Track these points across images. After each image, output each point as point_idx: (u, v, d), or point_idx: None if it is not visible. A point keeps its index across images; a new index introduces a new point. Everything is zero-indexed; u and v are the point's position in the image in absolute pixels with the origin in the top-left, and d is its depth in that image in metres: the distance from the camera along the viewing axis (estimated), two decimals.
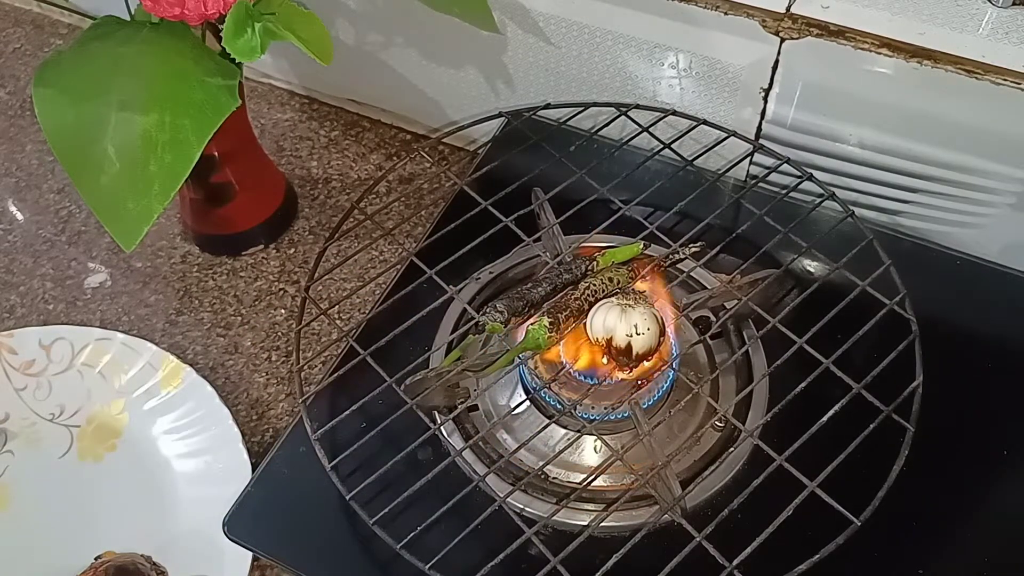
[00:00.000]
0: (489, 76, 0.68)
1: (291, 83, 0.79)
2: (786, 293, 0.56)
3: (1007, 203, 0.57)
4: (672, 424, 0.51)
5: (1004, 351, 0.54)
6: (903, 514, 0.47)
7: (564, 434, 0.51)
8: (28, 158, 0.76)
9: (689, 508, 0.47)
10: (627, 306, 0.48)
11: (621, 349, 0.48)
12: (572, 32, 0.61)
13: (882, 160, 0.58)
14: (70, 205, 0.72)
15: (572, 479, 0.50)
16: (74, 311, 0.65)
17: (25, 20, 0.89)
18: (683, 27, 0.57)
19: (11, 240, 0.70)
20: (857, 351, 0.48)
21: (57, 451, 0.57)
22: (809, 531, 0.42)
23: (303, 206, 0.71)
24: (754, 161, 0.62)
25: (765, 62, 0.56)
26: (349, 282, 0.65)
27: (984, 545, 0.47)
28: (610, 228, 0.55)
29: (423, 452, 0.50)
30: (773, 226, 0.55)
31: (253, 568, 0.51)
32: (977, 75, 0.51)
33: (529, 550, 0.44)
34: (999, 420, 0.51)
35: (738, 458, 0.49)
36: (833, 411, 0.46)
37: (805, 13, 0.54)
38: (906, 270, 0.53)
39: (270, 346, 0.62)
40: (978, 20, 0.52)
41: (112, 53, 0.50)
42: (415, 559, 0.43)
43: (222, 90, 0.49)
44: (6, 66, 0.84)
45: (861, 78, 0.54)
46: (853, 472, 0.43)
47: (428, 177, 0.71)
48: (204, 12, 0.47)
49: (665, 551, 0.42)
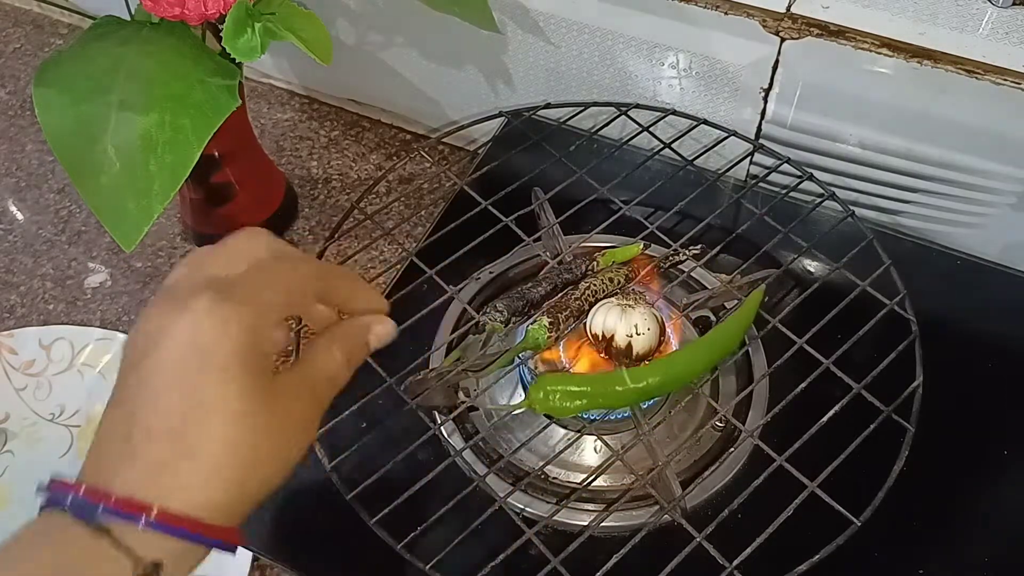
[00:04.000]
0: (489, 76, 0.68)
1: (291, 83, 0.79)
2: (786, 293, 0.56)
3: (1007, 203, 0.57)
4: (672, 424, 0.51)
5: (1004, 351, 0.54)
6: (903, 514, 0.47)
7: (564, 434, 0.51)
8: (28, 158, 0.76)
9: (689, 508, 0.47)
10: (627, 306, 0.48)
11: (621, 349, 0.48)
12: (572, 32, 0.61)
13: (882, 160, 0.58)
14: (70, 205, 0.72)
15: (572, 479, 0.50)
16: (74, 311, 0.65)
17: (25, 20, 0.89)
18: (683, 27, 0.57)
19: (11, 240, 0.70)
20: (857, 351, 0.48)
21: (57, 451, 0.57)
22: (809, 531, 0.42)
23: (303, 206, 0.71)
24: (754, 161, 0.62)
25: (765, 62, 0.56)
26: None
27: (984, 545, 0.47)
28: (610, 228, 0.55)
29: (423, 452, 0.50)
30: (773, 226, 0.55)
31: (253, 568, 0.51)
32: (977, 75, 0.51)
33: (529, 550, 0.43)
34: (999, 420, 0.51)
35: (738, 458, 0.49)
36: (833, 411, 0.46)
37: (805, 13, 0.54)
38: (906, 270, 0.53)
39: None
40: (978, 20, 0.52)
41: (112, 53, 0.50)
42: (415, 559, 0.43)
43: (222, 90, 0.49)
44: (6, 66, 0.84)
45: (861, 78, 0.54)
46: (853, 472, 0.43)
47: (428, 177, 0.71)
48: (204, 12, 0.47)
49: (665, 551, 0.42)
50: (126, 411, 0.31)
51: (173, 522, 0.29)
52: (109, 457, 0.31)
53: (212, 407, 0.30)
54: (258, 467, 0.31)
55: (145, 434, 0.30)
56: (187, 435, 0.30)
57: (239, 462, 0.31)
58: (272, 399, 0.32)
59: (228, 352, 0.31)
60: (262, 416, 0.31)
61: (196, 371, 0.31)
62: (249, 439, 0.31)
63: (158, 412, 0.30)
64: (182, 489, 0.30)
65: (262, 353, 0.32)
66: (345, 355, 0.37)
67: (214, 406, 0.30)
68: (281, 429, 0.32)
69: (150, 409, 0.31)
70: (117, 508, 0.29)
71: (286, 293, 0.34)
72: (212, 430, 0.30)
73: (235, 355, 0.31)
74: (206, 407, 0.30)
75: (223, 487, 0.31)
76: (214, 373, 0.31)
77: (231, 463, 0.31)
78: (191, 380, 0.31)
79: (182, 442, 0.30)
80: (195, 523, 0.30)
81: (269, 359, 0.33)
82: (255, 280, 0.34)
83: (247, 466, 0.31)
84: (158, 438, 0.30)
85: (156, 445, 0.30)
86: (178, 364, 0.31)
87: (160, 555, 0.29)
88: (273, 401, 0.32)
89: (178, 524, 0.30)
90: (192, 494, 0.30)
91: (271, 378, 0.32)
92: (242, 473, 0.31)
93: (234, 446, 0.31)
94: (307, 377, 0.35)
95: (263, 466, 0.32)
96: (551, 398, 0.46)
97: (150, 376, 0.31)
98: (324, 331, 0.37)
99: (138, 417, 0.31)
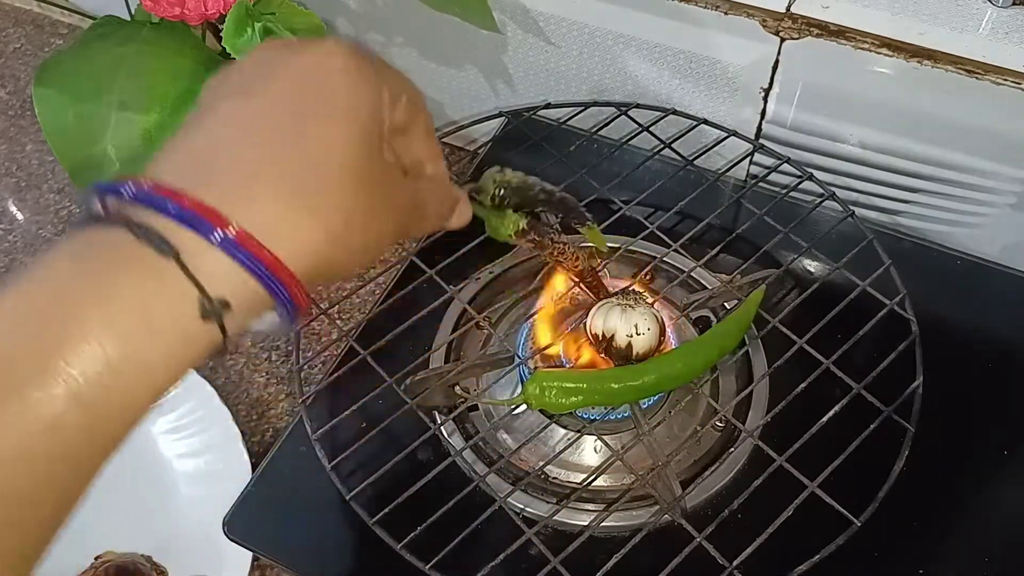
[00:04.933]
0: (489, 76, 0.68)
1: None
2: (786, 293, 0.56)
3: (1007, 203, 0.57)
4: (672, 424, 0.51)
5: (1004, 351, 0.54)
6: (903, 514, 0.47)
7: (564, 434, 0.51)
8: (28, 158, 0.76)
9: (689, 508, 0.47)
10: (627, 306, 0.48)
11: (621, 349, 0.48)
12: (572, 32, 0.61)
13: (882, 160, 0.58)
14: (70, 205, 0.72)
15: (572, 479, 0.50)
16: None
17: (25, 20, 0.89)
18: (683, 27, 0.57)
19: (11, 240, 0.70)
20: (857, 351, 0.48)
21: None
22: (809, 531, 0.42)
23: None
24: (754, 161, 0.62)
25: (765, 62, 0.56)
26: (349, 282, 0.65)
27: (984, 545, 0.47)
28: (610, 228, 0.55)
29: (423, 452, 0.50)
30: (773, 226, 0.55)
31: (253, 568, 0.51)
32: (977, 75, 0.51)
33: (529, 550, 0.44)
34: (999, 420, 0.51)
35: (738, 458, 0.49)
36: (833, 411, 0.46)
37: (805, 13, 0.54)
38: (906, 270, 0.53)
39: (270, 346, 0.62)
40: (978, 20, 0.52)
41: (112, 53, 0.50)
42: (415, 559, 0.43)
43: None
44: (6, 66, 0.84)
45: (861, 78, 0.54)
46: (853, 472, 0.43)
47: None
48: (204, 12, 0.47)
49: (665, 551, 0.42)
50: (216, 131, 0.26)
51: (255, 248, 0.24)
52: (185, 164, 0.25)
53: (332, 146, 0.26)
54: (353, 232, 0.27)
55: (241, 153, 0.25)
56: (296, 162, 0.25)
57: (339, 210, 0.26)
58: (380, 172, 0.28)
59: (350, 94, 0.27)
60: (374, 183, 0.27)
61: (323, 114, 0.27)
62: (353, 190, 0.27)
63: (261, 135, 0.26)
64: (273, 223, 0.25)
65: (380, 127, 0.28)
66: (446, 203, 0.34)
67: (334, 146, 0.26)
68: (384, 209, 0.28)
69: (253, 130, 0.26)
70: (193, 211, 0.24)
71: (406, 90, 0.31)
72: (326, 167, 0.26)
73: (358, 100, 0.27)
74: (326, 145, 0.26)
75: (314, 238, 0.26)
76: (341, 120, 0.27)
77: (336, 209, 0.26)
78: (313, 116, 0.26)
79: (288, 167, 0.25)
80: (276, 261, 0.25)
81: (383, 143, 0.29)
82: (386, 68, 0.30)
83: (346, 223, 0.26)
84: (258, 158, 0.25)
85: (254, 165, 0.25)
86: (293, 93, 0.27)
87: (226, 293, 0.24)
88: (381, 174, 0.28)
89: (259, 253, 0.24)
90: (283, 232, 0.25)
91: (383, 154, 0.29)
92: (340, 228, 0.26)
93: (342, 193, 0.26)
94: (418, 190, 0.31)
95: (355, 235, 0.27)
96: (547, 394, 0.45)
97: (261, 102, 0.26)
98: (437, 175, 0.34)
99: (234, 138, 0.26)
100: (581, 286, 0.50)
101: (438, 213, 0.34)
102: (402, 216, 0.30)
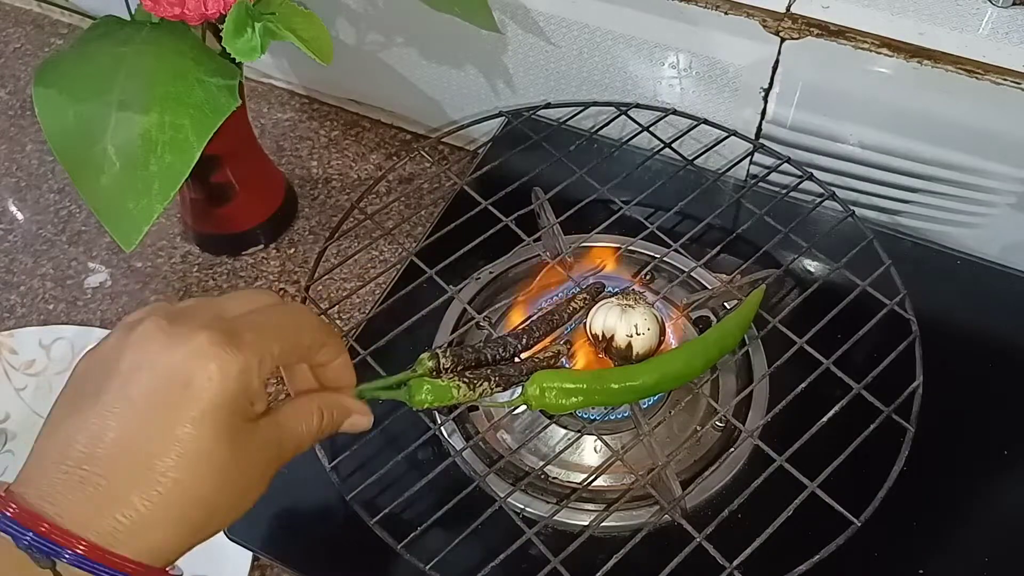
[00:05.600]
0: (489, 76, 0.68)
1: (291, 83, 0.79)
2: (786, 293, 0.56)
3: (1007, 203, 0.57)
4: (672, 424, 0.51)
5: (1004, 351, 0.54)
6: (903, 514, 0.47)
7: (564, 434, 0.51)
8: (28, 158, 0.76)
9: (689, 508, 0.47)
10: (627, 306, 0.48)
11: (621, 349, 0.48)
12: (572, 32, 0.61)
13: (882, 160, 0.58)
14: (70, 205, 0.72)
15: (572, 479, 0.50)
16: (74, 311, 0.65)
17: (25, 20, 0.89)
18: (683, 27, 0.57)
19: (11, 240, 0.70)
20: (857, 351, 0.48)
21: None
22: (809, 531, 0.42)
23: (303, 206, 0.71)
24: (754, 161, 0.62)
25: (765, 62, 0.56)
26: (349, 282, 0.65)
27: (984, 545, 0.47)
28: (610, 228, 0.56)
29: (423, 452, 0.50)
30: (773, 226, 0.55)
31: (253, 568, 0.51)
32: (977, 75, 0.51)
33: (529, 550, 0.43)
34: (999, 420, 0.51)
35: (738, 458, 0.49)
36: (833, 411, 0.46)
37: (805, 13, 0.54)
38: (906, 270, 0.53)
39: None
40: (978, 20, 0.52)
41: (112, 53, 0.50)
42: (415, 559, 0.43)
43: (222, 90, 0.49)
44: (6, 66, 0.84)
45: (861, 78, 0.54)
46: (853, 472, 0.43)
47: (428, 177, 0.71)
48: (204, 12, 0.47)
49: (665, 551, 0.42)
50: (81, 428, 0.30)
51: (103, 558, 0.28)
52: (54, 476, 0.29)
53: (185, 445, 0.30)
54: (215, 514, 0.31)
55: (102, 460, 0.29)
56: (152, 468, 0.29)
57: (200, 505, 0.30)
58: (243, 448, 0.31)
59: (215, 394, 0.30)
60: (231, 464, 0.31)
61: (175, 406, 0.30)
62: (215, 484, 0.30)
63: (121, 439, 0.29)
64: (132, 524, 0.29)
65: (247, 401, 0.32)
66: (319, 425, 0.36)
67: (187, 445, 0.30)
68: (245, 478, 0.32)
69: (113, 433, 0.29)
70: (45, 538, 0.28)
71: (284, 343, 0.33)
72: (180, 469, 0.29)
73: (221, 399, 0.30)
74: (179, 444, 0.29)
75: (175, 529, 0.30)
76: (194, 412, 0.30)
77: (192, 504, 0.30)
78: (168, 414, 0.30)
79: (144, 475, 0.29)
80: (125, 560, 0.29)
81: (251, 408, 0.32)
82: (258, 324, 0.33)
83: (206, 510, 0.30)
84: (116, 465, 0.29)
85: (112, 474, 0.29)
86: (156, 394, 0.30)
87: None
88: (244, 450, 0.31)
89: (109, 561, 0.28)
90: (141, 531, 0.29)
91: (247, 426, 0.32)
92: (199, 516, 0.30)
93: (198, 489, 0.30)
94: (280, 432, 0.34)
95: (219, 513, 0.31)
96: (547, 395, 0.45)
97: (120, 399, 0.30)
98: (310, 394, 0.37)
99: (96, 439, 0.29)
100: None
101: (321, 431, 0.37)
102: (272, 460, 0.34)
